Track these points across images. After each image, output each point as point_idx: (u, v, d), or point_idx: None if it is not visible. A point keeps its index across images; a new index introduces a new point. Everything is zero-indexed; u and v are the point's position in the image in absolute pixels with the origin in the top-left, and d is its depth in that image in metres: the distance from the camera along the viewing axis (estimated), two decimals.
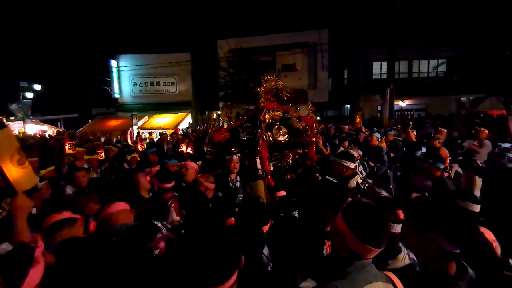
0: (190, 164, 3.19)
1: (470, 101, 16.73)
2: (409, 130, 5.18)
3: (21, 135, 12.46)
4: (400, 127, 6.53)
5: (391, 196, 2.01)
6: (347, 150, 3.15)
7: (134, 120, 14.21)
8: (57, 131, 15.39)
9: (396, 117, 13.11)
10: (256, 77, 3.58)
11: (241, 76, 14.86)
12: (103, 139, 9.61)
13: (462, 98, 16.88)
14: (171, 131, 12.62)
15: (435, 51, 16.27)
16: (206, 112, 19.77)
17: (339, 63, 19.18)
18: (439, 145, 4.77)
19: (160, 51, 17.00)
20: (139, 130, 13.89)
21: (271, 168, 3.08)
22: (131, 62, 16.85)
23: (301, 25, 16.17)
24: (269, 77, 3.32)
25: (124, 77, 17.08)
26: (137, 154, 5.34)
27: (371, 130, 5.63)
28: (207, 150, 5.91)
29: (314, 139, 3.31)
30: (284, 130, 3.25)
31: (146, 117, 16.99)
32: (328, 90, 16.91)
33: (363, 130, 6.60)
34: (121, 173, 4.33)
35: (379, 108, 16.27)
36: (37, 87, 16.28)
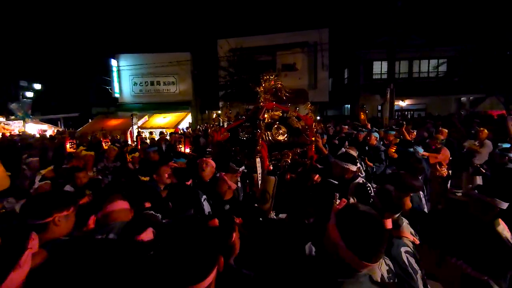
0: (210, 162, 3.08)
1: (470, 101, 16.72)
2: (403, 129, 5.25)
3: (21, 134, 12.46)
4: (394, 127, 6.54)
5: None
6: (347, 151, 3.13)
7: (134, 120, 14.19)
8: (57, 130, 15.40)
9: (396, 117, 13.10)
10: (256, 77, 3.57)
11: (241, 75, 14.86)
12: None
13: (462, 98, 16.86)
14: (171, 131, 12.62)
15: (435, 51, 16.25)
16: (206, 112, 19.78)
17: (339, 63, 19.18)
18: (439, 145, 4.78)
19: (160, 50, 17.00)
20: (139, 129, 13.89)
21: (271, 167, 3.08)
22: (131, 61, 16.86)
23: (301, 25, 16.18)
24: (268, 76, 3.32)
25: (124, 76, 17.09)
26: (138, 153, 5.32)
27: (369, 130, 5.65)
28: (207, 150, 5.91)
29: (313, 139, 3.30)
30: (283, 129, 3.25)
31: (146, 116, 16.98)
32: (328, 90, 16.91)
33: (369, 127, 6.59)
34: (128, 174, 4.30)
35: (379, 108, 16.26)
36: (37, 87, 16.30)
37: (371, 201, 1.85)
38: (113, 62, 16.82)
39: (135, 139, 9.92)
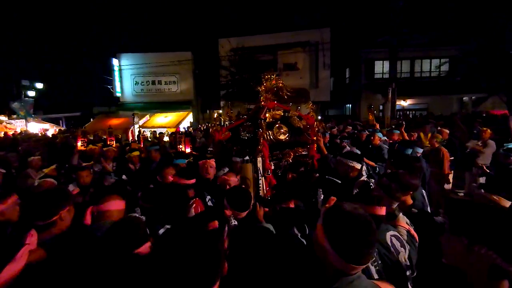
0: (211, 163, 3.08)
1: (472, 100, 16.65)
2: (402, 129, 5.26)
3: (23, 133, 12.52)
4: (394, 127, 6.54)
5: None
6: (352, 149, 3.13)
7: (136, 119, 14.24)
8: (59, 129, 15.45)
9: (398, 117, 13.06)
10: (257, 76, 3.56)
11: (242, 75, 14.85)
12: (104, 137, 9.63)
13: (464, 98, 16.79)
14: (172, 130, 12.64)
15: (437, 50, 16.18)
16: (207, 111, 19.79)
17: (341, 62, 19.13)
18: (437, 144, 4.76)
19: (162, 50, 17.02)
20: (141, 129, 13.92)
21: (272, 167, 3.08)
22: (132, 61, 16.88)
23: (303, 24, 16.16)
24: (269, 76, 3.31)
25: (126, 76, 17.11)
26: (138, 153, 5.31)
27: (374, 130, 5.63)
28: (208, 149, 5.91)
29: (315, 138, 3.29)
30: (284, 129, 3.24)
31: (148, 116, 17.02)
32: (330, 90, 16.87)
33: (377, 127, 6.58)
34: (131, 174, 4.31)
35: (381, 107, 16.22)
36: (39, 86, 16.32)
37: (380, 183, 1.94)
38: (115, 62, 16.85)
39: (136, 138, 9.96)
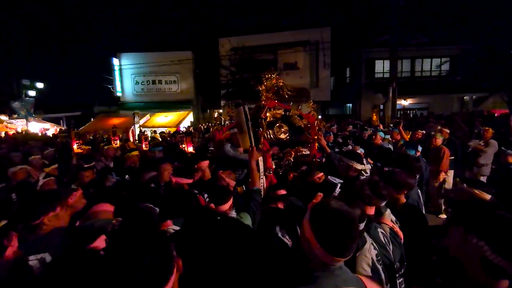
0: (204, 164, 3.05)
1: (473, 100, 16.63)
2: (400, 128, 5.26)
3: (23, 133, 12.53)
4: (392, 126, 6.54)
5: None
6: (353, 149, 3.13)
7: (136, 119, 14.23)
8: (60, 129, 15.46)
9: (398, 116, 13.05)
10: (257, 76, 3.56)
11: (242, 74, 14.84)
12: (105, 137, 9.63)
13: (465, 97, 16.77)
14: (173, 130, 12.64)
15: (438, 49, 16.15)
16: (208, 111, 19.78)
17: (341, 61, 19.10)
18: (440, 142, 4.75)
19: (162, 49, 17.00)
20: (141, 128, 13.92)
21: (273, 166, 3.07)
22: (133, 60, 16.87)
23: (303, 23, 16.12)
24: (269, 75, 3.30)
25: (126, 75, 17.11)
26: (137, 152, 5.31)
27: (376, 129, 5.63)
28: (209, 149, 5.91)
29: (316, 137, 3.29)
30: (285, 128, 3.24)
31: (148, 115, 17.02)
32: (330, 89, 16.85)
33: (381, 127, 6.59)
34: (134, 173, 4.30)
35: (382, 107, 16.22)
36: (40, 85, 16.35)
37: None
38: (115, 61, 16.85)
39: (136, 138, 9.95)
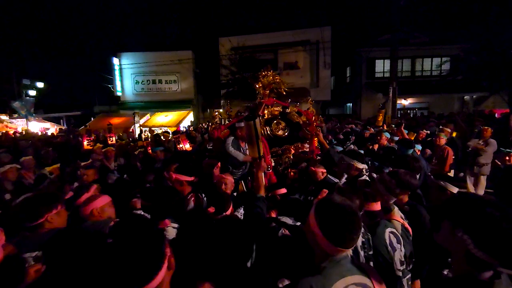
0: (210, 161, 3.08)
1: (473, 99, 16.59)
2: (402, 129, 5.23)
3: (24, 133, 12.54)
4: (394, 126, 6.51)
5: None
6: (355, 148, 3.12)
7: (136, 118, 14.22)
8: (59, 128, 15.47)
9: (399, 116, 13.03)
10: (254, 74, 3.55)
11: (243, 74, 14.83)
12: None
13: (465, 97, 16.74)
14: (173, 129, 12.64)
15: (438, 49, 16.12)
16: (208, 110, 19.77)
17: (342, 61, 19.08)
18: (443, 142, 4.72)
19: (162, 49, 17.01)
20: (141, 128, 13.92)
21: (272, 164, 3.06)
22: (133, 60, 16.88)
23: (303, 23, 16.12)
24: (266, 72, 3.29)
25: (126, 75, 17.12)
26: (142, 149, 5.34)
27: (381, 130, 5.58)
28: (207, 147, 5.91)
29: (314, 133, 3.27)
30: (283, 124, 3.23)
31: (148, 115, 17.03)
32: (330, 89, 16.83)
33: (385, 127, 6.55)
34: (137, 172, 4.30)
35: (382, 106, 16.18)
36: (40, 85, 16.35)
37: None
38: (115, 61, 16.85)
39: (137, 137, 9.96)
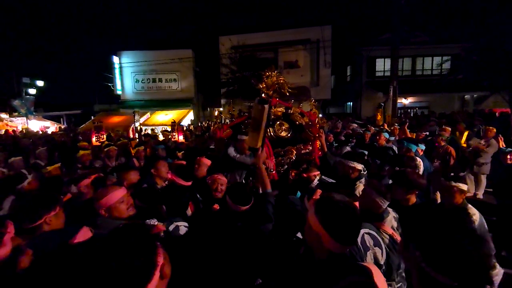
0: (204, 161, 3.07)
1: (474, 99, 16.58)
2: (405, 128, 5.24)
3: (24, 131, 12.53)
4: (397, 125, 6.51)
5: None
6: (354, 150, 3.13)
7: (136, 117, 14.23)
8: (59, 127, 15.47)
9: (399, 115, 13.02)
10: (258, 74, 3.54)
11: (243, 73, 14.81)
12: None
13: (466, 96, 16.73)
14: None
15: (439, 48, 16.10)
16: (208, 109, 19.76)
17: (342, 60, 19.05)
18: (443, 142, 4.74)
19: (162, 47, 16.97)
20: (141, 126, 13.92)
21: (274, 165, 3.07)
22: (133, 58, 16.85)
23: (303, 22, 16.07)
24: (270, 73, 3.28)
25: (126, 73, 17.10)
26: (142, 148, 5.34)
27: (380, 129, 5.58)
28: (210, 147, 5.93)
29: (317, 135, 3.27)
30: (286, 125, 3.23)
31: (148, 113, 17.03)
32: (331, 88, 16.82)
33: (386, 127, 6.55)
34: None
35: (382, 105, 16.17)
36: (40, 83, 16.33)
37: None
38: (115, 59, 16.83)
39: (137, 136, 9.96)
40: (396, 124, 7.18)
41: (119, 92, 17.19)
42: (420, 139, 5.57)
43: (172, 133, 6.28)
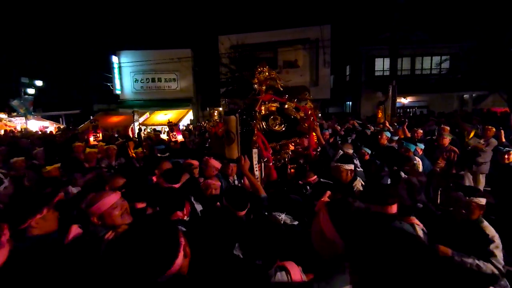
0: (212, 162, 3.03)
1: (473, 98, 16.60)
2: (404, 127, 5.24)
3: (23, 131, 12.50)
4: (396, 124, 6.51)
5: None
6: (345, 152, 3.11)
7: (136, 117, 14.22)
8: (58, 127, 15.43)
9: (398, 114, 13.03)
10: (250, 72, 3.54)
11: (242, 72, 14.78)
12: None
13: (465, 95, 16.74)
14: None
15: (438, 47, 16.11)
16: (207, 109, 19.72)
17: (341, 59, 19.04)
18: (447, 142, 4.71)
19: (161, 47, 16.95)
20: (141, 126, 13.90)
21: (271, 157, 3.04)
22: (132, 58, 16.82)
23: (303, 21, 16.06)
24: (261, 68, 3.27)
25: (125, 73, 17.07)
26: (140, 149, 5.32)
27: (382, 128, 5.57)
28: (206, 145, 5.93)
29: (312, 127, 3.27)
30: (279, 119, 3.21)
31: (147, 113, 17.00)
32: (330, 87, 16.81)
33: (387, 125, 6.52)
34: (134, 171, 4.29)
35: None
36: (39, 83, 16.29)
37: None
38: (114, 59, 16.79)
39: (136, 136, 9.94)
40: (395, 124, 7.19)
41: (118, 92, 17.16)
42: (419, 138, 5.57)
43: (172, 133, 6.28)
